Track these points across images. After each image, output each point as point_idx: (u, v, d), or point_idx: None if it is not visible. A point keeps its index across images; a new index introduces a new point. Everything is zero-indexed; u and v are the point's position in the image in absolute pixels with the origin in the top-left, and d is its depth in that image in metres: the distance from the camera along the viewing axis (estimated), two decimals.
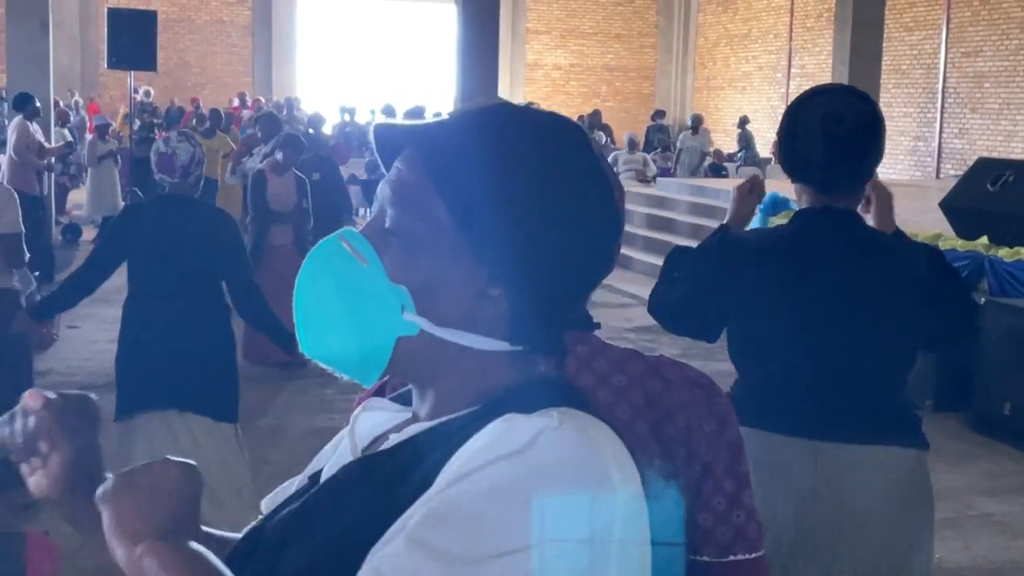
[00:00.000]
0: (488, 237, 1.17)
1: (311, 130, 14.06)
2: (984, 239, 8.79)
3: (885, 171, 20.59)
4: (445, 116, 1.26)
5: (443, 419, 1.20)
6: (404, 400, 1.34)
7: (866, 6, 15.92)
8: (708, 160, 20.71)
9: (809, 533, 2.76)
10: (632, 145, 19.70)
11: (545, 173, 1.19)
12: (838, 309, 2.83)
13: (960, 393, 7.84)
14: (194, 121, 20.87)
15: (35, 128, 13.02)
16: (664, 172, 19.79)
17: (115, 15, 14.93)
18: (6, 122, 15.61)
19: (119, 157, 16.26)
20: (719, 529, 1.68)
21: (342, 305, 1.20)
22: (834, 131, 2.89)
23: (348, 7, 28.19)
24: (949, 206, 9.34)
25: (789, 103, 3.03)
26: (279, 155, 9.06)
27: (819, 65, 24.20)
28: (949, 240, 9.12)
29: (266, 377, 8.56)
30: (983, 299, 7.85)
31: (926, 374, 8.06)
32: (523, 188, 1.18)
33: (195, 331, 4.90)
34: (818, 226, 2.94)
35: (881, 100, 17.18)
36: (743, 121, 22.70)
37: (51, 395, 1.22)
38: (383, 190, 1.23)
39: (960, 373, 7.83)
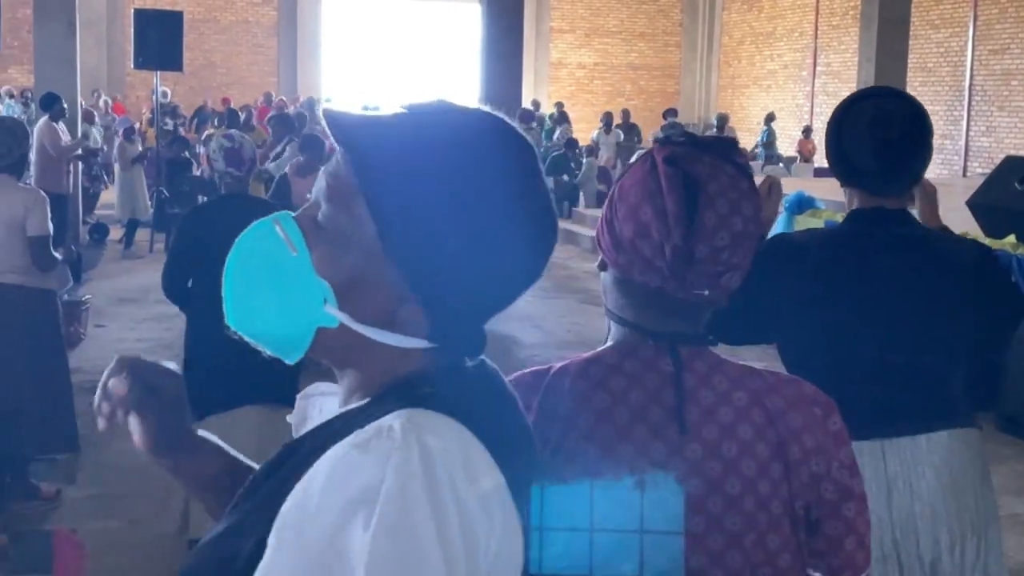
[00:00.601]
0: (408, 246, 1.17)
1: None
2: (1012, 238, 8.72)
3: None
4: (389, 112, 1.26)
5: (357, 404, 1.23)
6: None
7: (892, 4, 15.85)
8: None
9: (887, 531, 2.83)
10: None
11: (472, 184, 1.18)
12: (895, 308, 2.88)
13: (989, 393, 7.79)
14: (215, 121, 20.99)
15: (61, 128, 13.11)
16: None
17: (141, 15, 15.02)
18: (33, 123, 15.72)
19: (146, 159, 16.38)
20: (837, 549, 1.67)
21: (268, 288, 1.23)
22: (883, 134, 2.91)
23: (373, 7, 28.26)
24: (976, 205, 9.27)
25: (835, 107, 3.04)
26: (301, 157, 9.06)
27: (844, 63, 24.10)
28: (976, 239, 9.07)
29: None
30: None
31: None
32: (448, 199, 1.17)
33: None
34: (872, 226, 2.97)
35: None
36: (770, 118, 22.59)
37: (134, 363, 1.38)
38: (320, 181, 1.24)
39: (988, 373, 7.77)
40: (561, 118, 22.12)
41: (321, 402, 1.41)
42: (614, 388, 1.62)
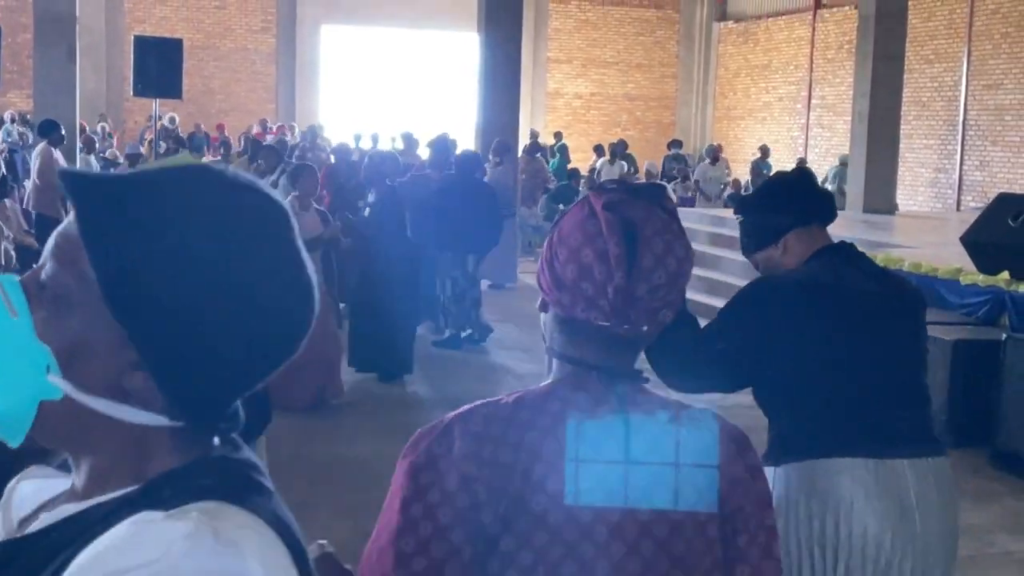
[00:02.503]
0: (133, 308, 1.08)
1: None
2: (1005, 274, 8.80)
3: (906, 202, 20.58)
4: (134, 170, 1.18)
5: (95, 500, 1.10)
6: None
7: (887, 39, 15.96)
8: (727, 190, 20.74)
9: (903, 547, 2.99)
10: (650, 175, 19.75)
11: (209, 248, 1.10)
12: (878, 332, 3.09)
13: (981, 429, 7.82)
14: (221, 148, 21.06)
15: (58, 155, 13.17)
16: (684, 202, 19.83)
17: (141, 43, 15.11)
18: (31, 148, 15.75)
19: None
20: None
21: None
22: (795, 174, 3.40)
23: (372, 35, 28.38)
24: (969, 241, 9.34)
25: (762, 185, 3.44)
26: (295, 191, 9.00)
27: (839, 96, 24.23)
28: (970, 275, 9.13)
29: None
30: (1004, 335, 7.85)
31: (947, 410, 8.05)
32: (180, 262, 1.09)
33: None
34: (836, 260, 3.19)
35: (902, 131, 17.20)
36: (765, 151, 22.63)
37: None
38: (51, 239, 1.15)
39: (981, 409, 7.81)
40: (563, 150, 22.23)
41: (30, 488, 1.23)
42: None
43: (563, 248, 1.74)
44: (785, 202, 3.28)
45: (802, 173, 3.49)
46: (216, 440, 1.18)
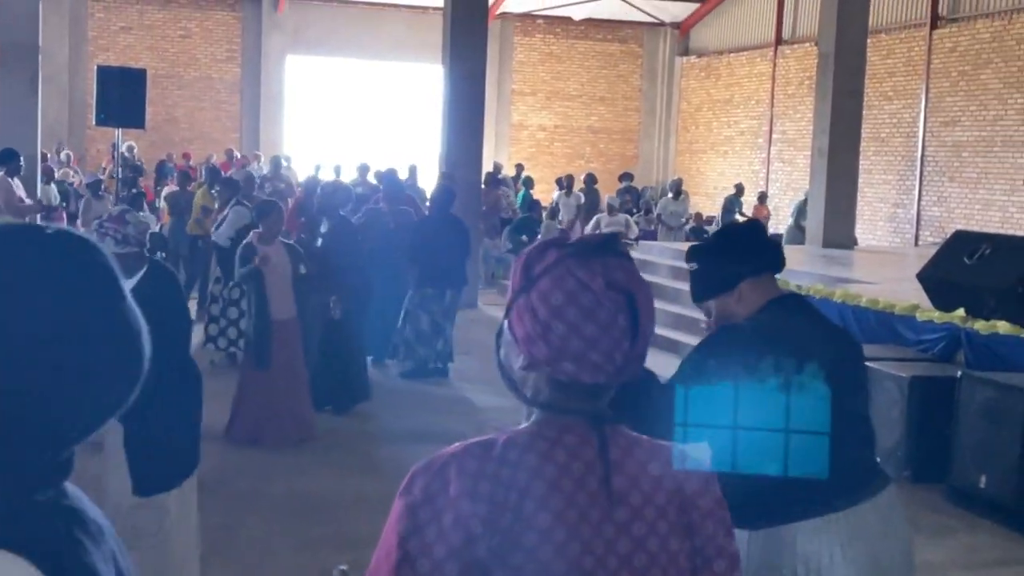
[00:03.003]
0: None
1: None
2: (961, 311, 8.91)
3: (864, 237, 20.80)
4: None
5: None
6: None
7: (846, 76, 16.17)
8: (689, 224, 20.88)
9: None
10: (612, 208, 19.87)
11: (23, 305, 1.10)
12: (834, 381, 3.03)
13: (937, 465, 7.90)
14: (174, 178, 20.97)
15: (16, 184, 13.07)
16: (646, 235, 19.94)
17: (105, 72, 15.05)
18: None
19: None
20: None
21: None
22: (748, 225, 3.60)
23: (337, 66, 28.43)
24: (926, 278, 9.46)
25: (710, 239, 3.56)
26: (260, 227, 8.89)
27: (799, 131, 24.49)
28: (926, 311, 9.24)
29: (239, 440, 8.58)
30: (959, 372, 7.94)
31: (903, 446, 8.13)
32: None
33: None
34: (789, 310, 3.33)
35: (861, 167, 17.39)
36: (740, 189, 22.70)
37: None
38: None
39: (937, 445, 7.89)
40: (529, 182, 22.29)
41: None
42: (558, 460, 1.78)
43: (560, 323, 1.78)
44: (741, 251, 3.38)
45: (754, 224, 3.68)
46: (55, 487, 1.17)
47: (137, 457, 4.87)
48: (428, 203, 11.70)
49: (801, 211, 18.55)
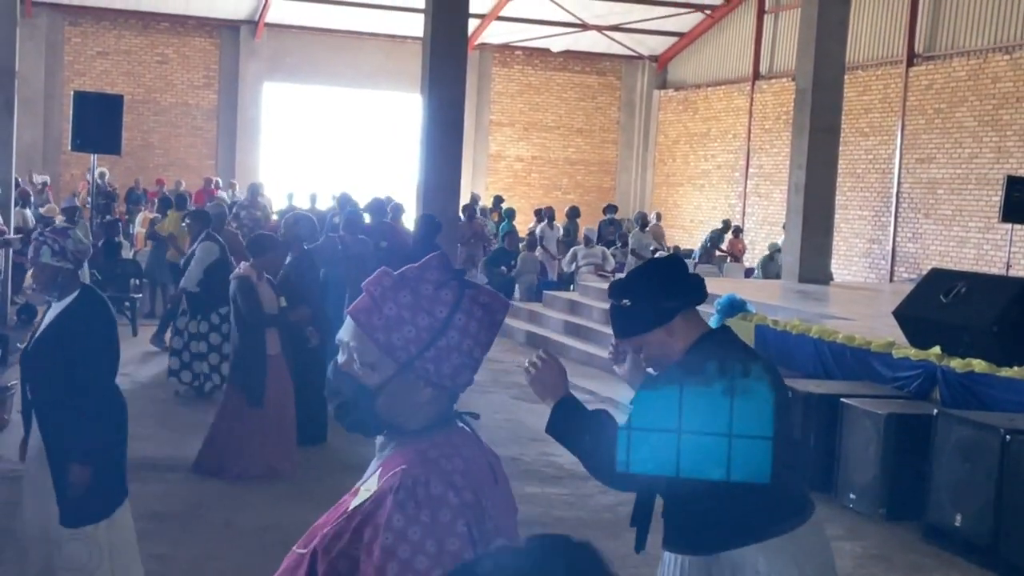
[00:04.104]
0: None
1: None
2: (937, 349, 8.91)
3: (840, 272, 20.88)
4: None
5: None
6: None
7: (823, 112, 16.25)
8: (659, 255, 20.88)
9: None
10: (588, 240, 19.86)
11: None
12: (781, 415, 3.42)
13: (913, 503, 7.88)
14: (148, 204, 20.87)
15: None
16: (620, 267, 19.96)
17: (81, 98, 14.97)
18: None
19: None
20: None
21: None
22: (672, 259, 3.72)
23: (314, 94, 28.43)
24: (902, 315, 9.47)
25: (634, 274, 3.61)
26: (257, 261, 8.69)
27: (776, 166, 24.62)
28: (902, 348, 9.24)
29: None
30: (935, 410, 7.93)
31: (879, 483, 8.11)
32: None
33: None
34: (726, 343, 3.46)
35: (837, 203, 17.47)
36: (727, 225, 22.72)
37: None
38: None
39: (913, 483, 7.88)
40: (511, 214, 22.27)
41: None
42: (476, 456, 2.11)
43: (478, 347, 2.09)
44: (673, 285, 3.43)
45: (677, 258, 3.83)
46: None
47: (62, 487, 4.82)
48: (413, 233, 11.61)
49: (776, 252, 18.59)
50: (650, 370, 3.51)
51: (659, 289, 3.43)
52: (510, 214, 22.28)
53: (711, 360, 3.28)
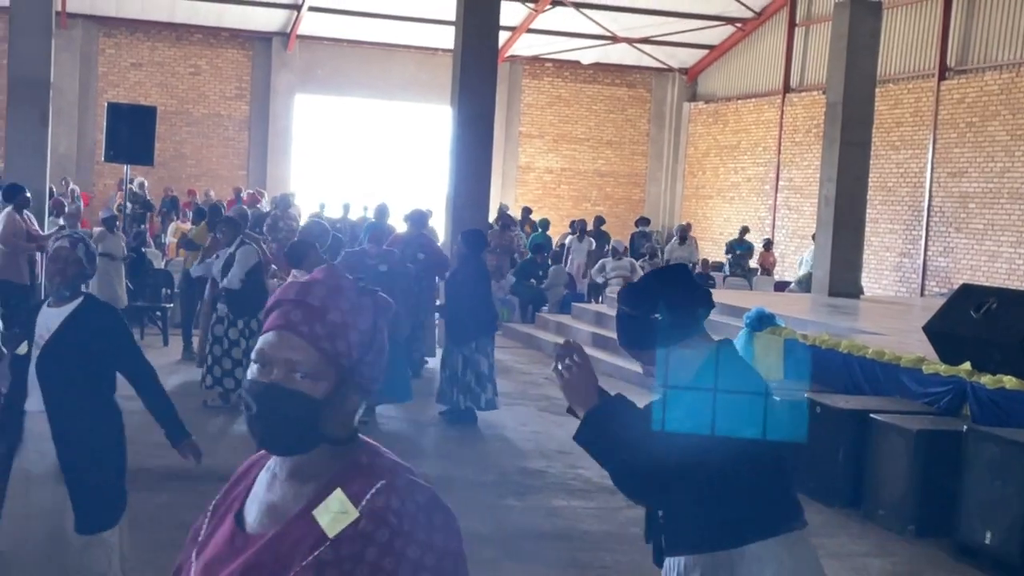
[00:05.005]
0: None
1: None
2: (967, 365, 8.86)
3: (870, 286, 20.78)
4: None
5: None
6: None
7: (854, 126, 16.21)
8: (696, 269, 20.86)
9: None
10: (616, 252, 19.88)
11: None
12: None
13: (943, 520, 7.83)
14: (178, 214, 20.97)
15: (28, 216, 13.10)
16: None
17: (115, 109, 15.13)
18: None
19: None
20: None
21: None
22: (684, 267, 3.79)
23: (345, 105, 28.55)
24: (933, 330, 9.42)
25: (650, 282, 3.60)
26: (296, 272, 8.71)
27: (806, 179, 24.53)
28: (932, 364, 9.20)
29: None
30: (965, 426, 7.89)
31: (908, 500, 8.07)
32: None
33: None
34: (734, 355, 3.55)
35: (867, 216, 17.40)
36: (744, 231, 22.80)
37: None
38: None
39: (943, 500, 7.82)
40: (545, 224, 22.31)
41: None
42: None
43: (385, 343, 2.11)
44: (696, 298, 3.46)
45: (685, 267, 3.89)
46: None
47: (81, 495, 4.87)
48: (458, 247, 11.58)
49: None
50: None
51: (687, 299, 3.42)
52: (544, 225, 22.31)
53: (727, 369, 3.41)
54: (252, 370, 2.03)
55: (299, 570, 1.90)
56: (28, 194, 13.17)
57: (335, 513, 1.94)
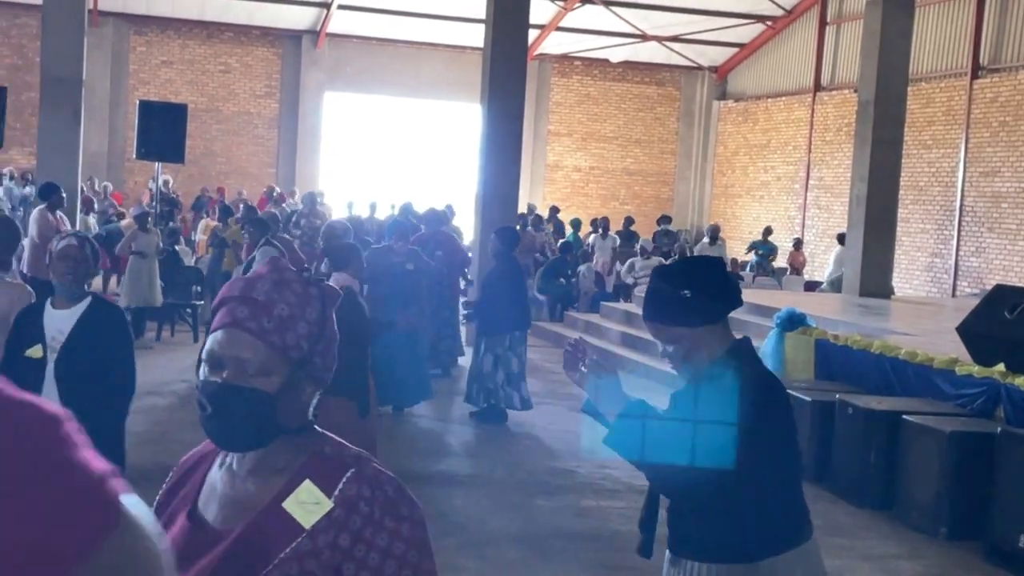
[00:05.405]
0: None
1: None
2: (1001, 366, 8.78)
3: (901, 286, 20.64)
4: None
5: None
6: None
7: (886, 124, 16.09)
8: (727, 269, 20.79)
9: None
10: (644, 251, 19.83)
11: None
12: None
13: (975, 523, 7.76)
14: (208, 212, 21.07)
15: (60, 216, 13.18)
16: None
17: (146, 107, 15.21)
18: (31, 207, 15.74)
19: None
20: None
21: None
22: (717, 259, 3.79)
23: (374, 103, 28.60)
24: (966, 331, 9.32)
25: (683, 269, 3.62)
26: (348, 271, 8.64)
27: (836, 178, 24.40)
28: (965, 365, 9.11)
29: None
30: (999, 428, 7.81)
31: (941, 502, 8.00)
32: None
33: None
34: (752, 352, 3.61)
35: (899, 216, 17.28)
36: (768, 232, 22.74)
37: None
38: None
39: (975, 502, 7.76)
40: (576, 224, 22.32)
41: None
42: None
43: (334, 332, 2.11)
44: (729, 286, 3.54)
45: (721, 260, 3.93)
46: None
47: None
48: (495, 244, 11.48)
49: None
50: (671, 368, 3.57)
51: (718, 287, 3.45)
52: (576, 224, 22.28)
53: (751, 367, 3.44)
54: (203, 371, 2.02)
55: (279, 562, 1.92)
56: (64, 194, 13.25)
57: (307, 504, 1.96)
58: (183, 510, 2.07)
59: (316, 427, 2.08)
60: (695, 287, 3.39)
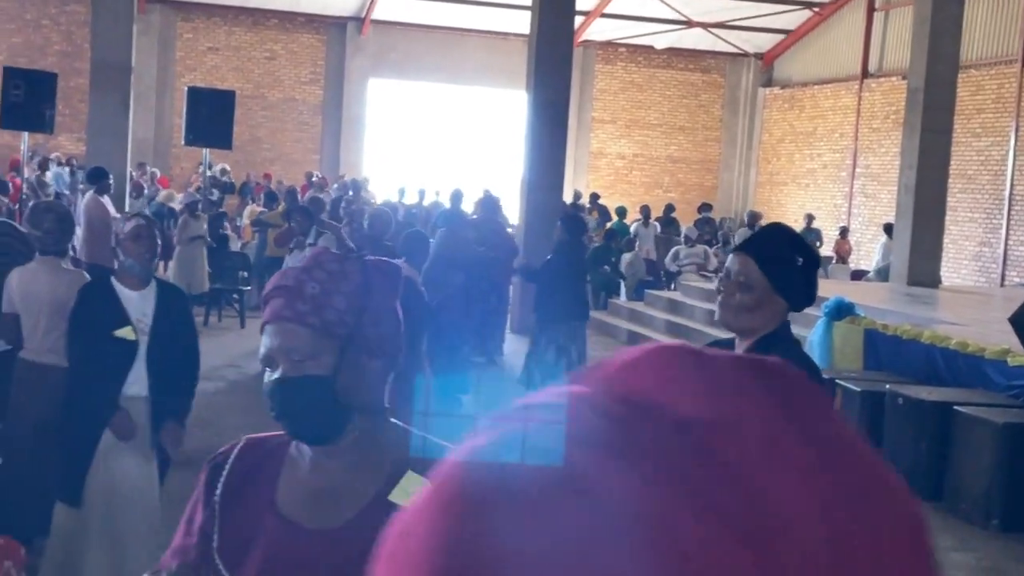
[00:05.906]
0: None
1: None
2: None
3: (949, 275, 20.44)
4: None
5: None
6: None
7: (935, 112, 15.92)
8: None
9: None
10: (688, 239, 19.73)
11: None
12: None
13: None
14: (253, 198, 21.20)
15: (107, 202, 13.29)
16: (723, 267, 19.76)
17: (195, 93, 15.29)
18: (79, 192, 15.90)
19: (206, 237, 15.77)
20: None
21: None
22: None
23: (419, 90, 28.63)
24: (1017, 321, 9.21)
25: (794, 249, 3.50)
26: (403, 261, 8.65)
27: (884, 166, 24.18)
28: (1018, 356, 9.02)
29: None
30: None
31: (993, 493, 7.93)
32: None
33: None
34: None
35: (947, 204, 17.10)
36: (810, 219, 22.61)
37: None
38: None
39: None
40: (622, 212, 22.27)
41: None
42: None
43: (388, 302, 2.04)
44: (816, 292, 3.57)
45: None
46: None
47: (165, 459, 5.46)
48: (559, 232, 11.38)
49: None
50: (717, 317, 3.53)
51: (814, 282, 3.50)
52: (622, 212, 22.21)
53: (800, 349, 3.54)
54: (265, 375, 2.00)
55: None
56: (111, 180, 13.35)
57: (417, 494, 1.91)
58: (266, 507, 2.00)
59: (392, 420, 2.02)
60: (808, 264, 3.43)
